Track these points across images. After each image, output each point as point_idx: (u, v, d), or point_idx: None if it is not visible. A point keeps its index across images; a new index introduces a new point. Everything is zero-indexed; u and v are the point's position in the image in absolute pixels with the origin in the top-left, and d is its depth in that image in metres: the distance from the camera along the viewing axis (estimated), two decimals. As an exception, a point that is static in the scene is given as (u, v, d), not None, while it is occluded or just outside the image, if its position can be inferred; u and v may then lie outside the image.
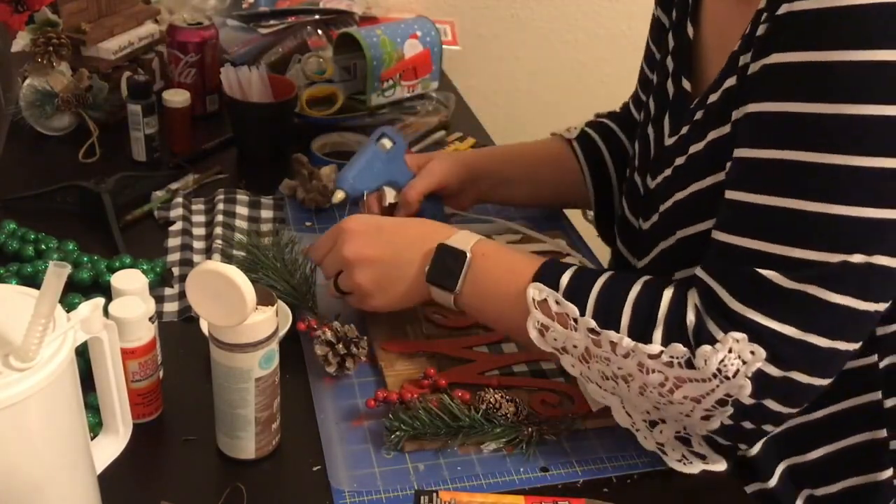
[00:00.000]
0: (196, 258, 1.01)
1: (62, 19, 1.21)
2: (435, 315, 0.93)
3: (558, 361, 0.78)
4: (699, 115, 0.79)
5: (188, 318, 0.91)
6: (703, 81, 0.83)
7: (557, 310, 0.75)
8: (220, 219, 1.07)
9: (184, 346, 0.87)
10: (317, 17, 1.57)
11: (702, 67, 0.84)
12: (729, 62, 0.74)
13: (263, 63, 1.40)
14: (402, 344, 0.89)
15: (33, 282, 0.92)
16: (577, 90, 2.02)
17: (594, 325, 0.73)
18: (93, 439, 0.66)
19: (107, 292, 0.77)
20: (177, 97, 1.22)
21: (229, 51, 1.47)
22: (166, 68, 1.36)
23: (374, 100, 1.36)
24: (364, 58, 1.33)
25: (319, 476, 0.75)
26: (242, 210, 1.11)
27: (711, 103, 0.77)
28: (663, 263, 0.85)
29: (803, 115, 0.65)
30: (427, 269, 0.82)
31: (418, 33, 1.39)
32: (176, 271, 0.98)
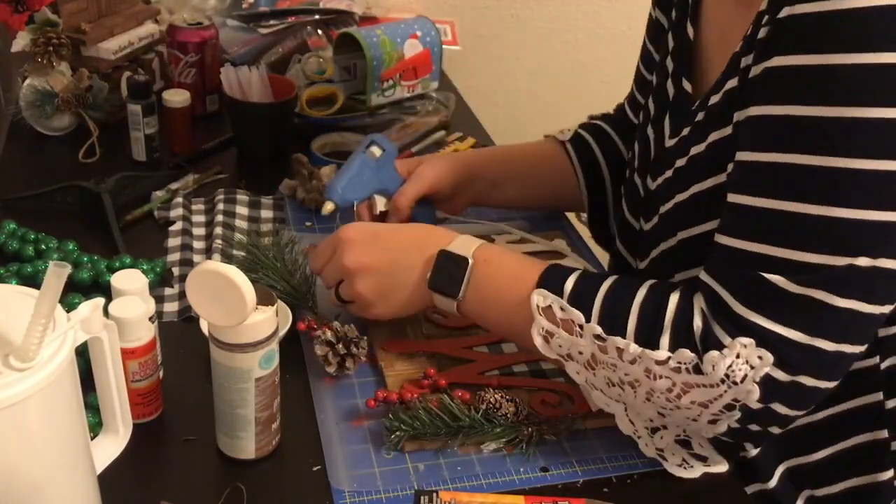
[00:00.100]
0: (196, 258, 1.01)
1: (62, 19, 1.21)
2: (435, 315, 0.93)
3: (563, 366, 0.78)
4: (700, 117, 0.79)
5: (188, 318, 0.91)
6: (704, 82, 0.82)
7: (562, 316, 0.75)
8: (220, 219, 1.07)
9: (184, 346, 0.87)
10: (317, 17, 1.57)
11: (702, 68, 0.84)
12: (730, 64, 0.74)
13: (263, 63, 1.40)
14: (402, 344, 0.89)
15: (33, 282, 0.92)
16: (577, 90, 2.02)
17: (600, 331, 0.73)
18: (93, 439, 0.65)
19: (107, 292, 0.77)
20: (177, 97, 1.22)
21: (229, 51, 1.47)
22: (166, 68, 1.36)
23: (374, 100, 1.36)
24: (364, 58, 1.33)
25: (319, 476, 0.75)
26: (242, 210, 1.11)
27: (713, 105, 0.77)
28: (664, 264, 0.85)
29: (805, 118, 0.65)
30: (429, 275, 0.82)
31: (418, 33, 1.39)
32: (176, 271, 0.98)
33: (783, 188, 0.67)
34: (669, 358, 0.70)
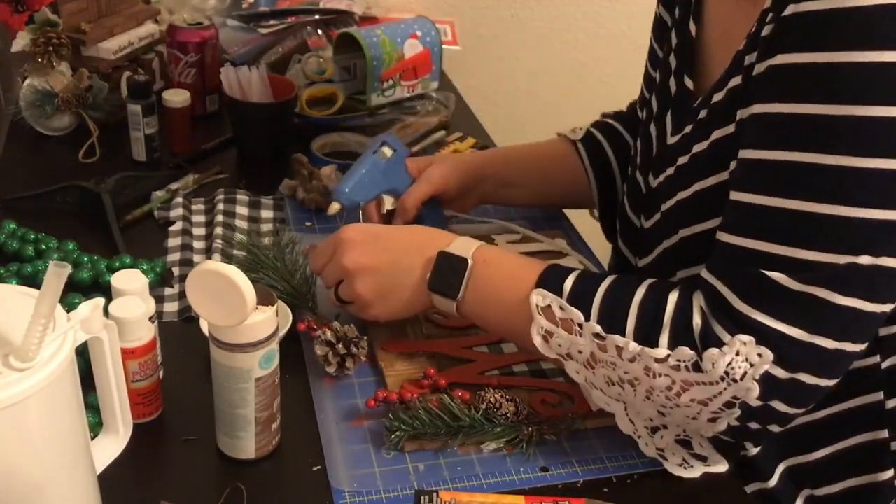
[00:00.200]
0: (196, 258, 1.01)
1: (62, 19, 1.21)
2: (435, 315, 0.93)
3: (562, 366, 0.78)
4: (703, 114, 0.79)
5: (188, 318, 0.91)
6: (706, 79, 0.83)
7: (562, 315, 0.75)
8: (220, 219, 1.07)
9: (184, 346, 0.87)
10: (317, 17, 1.57)
11: (704, 65, 0.84)
12: (734, 61, 0.74)
13: (263, 63, 1.40)
14: (402, 344, 0.89)
15: (33, 282, 0.92)
16: (577, 90, 2.02)
17: (599, 329, 0.73)
18: (93, 439, 0.65)
19: (107, 292, 0.77)
20: (177, 97, 1.22)
21: (229, 51, 1.47)
22: (166, 68, 1.36)
23: (374, 100, 1.36)
24: (364, 58, 1.33)
25: (319, 476, 0.75)
26: (242, 210, 1.11)
27: (716, 102, 0.77)
28: (666, 262, 0.85)
29: (809, 116, 0.65)
30: (428, 276, 0.82)
31: (418, 33, 1.39)
32: (176, 271, 0.98)
33: (786, 186, 0.67)
34: (669, 356, 0.70)
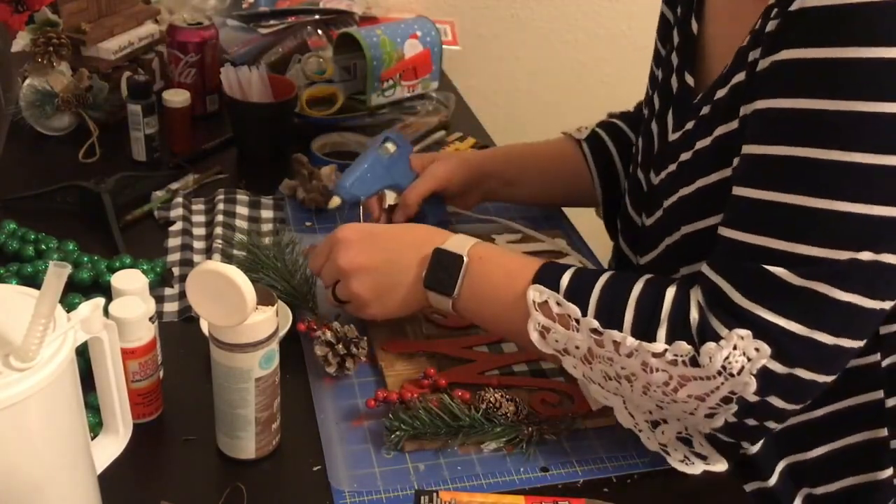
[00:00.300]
0: (196, 258, 1.01)
1: (62, 19, 1.21)
2: (435, 315, 0.93)
3: (559, 363, 0.78)
4: (706, 111, 0.79)
5: (188, 318, 0.91)
6: (708, 76, 0.83)
7: (559, 311, 0.75)
8: (220, 219, 1.07)
9: (184, 346, 0.87)
10: (317, 17, 1.57)
11: (705, 62, 0.84)
12: (736, 58, 0.74)
13: (263, 63, 1.40)
14: (402, 344, 0.89)
15: (33, 282, 0.92)
16: (577, 90, 2.02)
17: (596, 325, 0.73)
18: (93, 439, 0.66)
19: (107, 292, 0.77)
20: (177, 97, 1.22)
21: (229, 51, 1.47)
22: (166, 68, 1.36)
23: (374, 100, 1.36)
24: (364, 58, 1.33)
25: (319, 476, 0.75)
26: (242, 210, 1.11)
27: (719, 99, 0.77)
28: (668, 259, 0.85)
29: (813, 111, 0.65)
30: (424, 274, 0.82)
31: (418, 33, 1.39)
32: (176, 271, 0.98)
33: (788, 181, 0.67)
34: (666, 350, 0.70)
